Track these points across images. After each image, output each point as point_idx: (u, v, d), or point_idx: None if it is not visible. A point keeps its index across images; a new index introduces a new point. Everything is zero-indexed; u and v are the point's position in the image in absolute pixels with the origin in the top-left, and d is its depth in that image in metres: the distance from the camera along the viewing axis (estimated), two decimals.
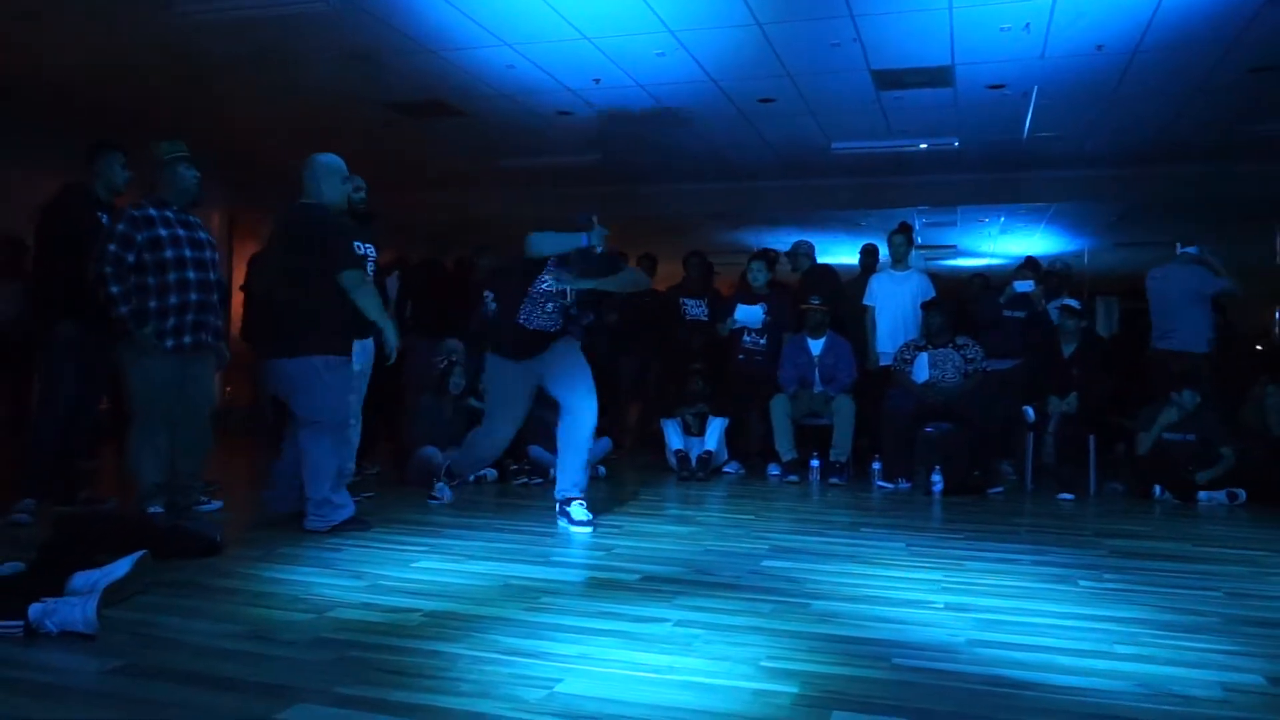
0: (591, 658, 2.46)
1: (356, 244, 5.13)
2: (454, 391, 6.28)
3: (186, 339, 4.45)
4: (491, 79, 7.02)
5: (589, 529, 4.34)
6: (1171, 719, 2.12)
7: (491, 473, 6.09)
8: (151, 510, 4.40)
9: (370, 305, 4.28)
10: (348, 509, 4.26)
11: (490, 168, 9.77)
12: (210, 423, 4.78)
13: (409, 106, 7.75)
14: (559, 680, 2.27)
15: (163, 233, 4.39)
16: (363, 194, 5.29)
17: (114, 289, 4.28)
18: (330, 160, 4.41)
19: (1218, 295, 6.74)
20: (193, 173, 4.57)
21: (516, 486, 5.97)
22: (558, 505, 4.58)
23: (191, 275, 4.45)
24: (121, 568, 2.84)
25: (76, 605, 2.54)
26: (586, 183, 10.32)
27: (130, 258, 4.31)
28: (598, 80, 6.99)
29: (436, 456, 5.87)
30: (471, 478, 5.96)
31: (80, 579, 2.76)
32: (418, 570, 3.48)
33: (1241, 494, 5.75)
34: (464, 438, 6.16)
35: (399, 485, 5.82)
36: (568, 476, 4.60)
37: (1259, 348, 10.53)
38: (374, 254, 5.23)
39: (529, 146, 8.88)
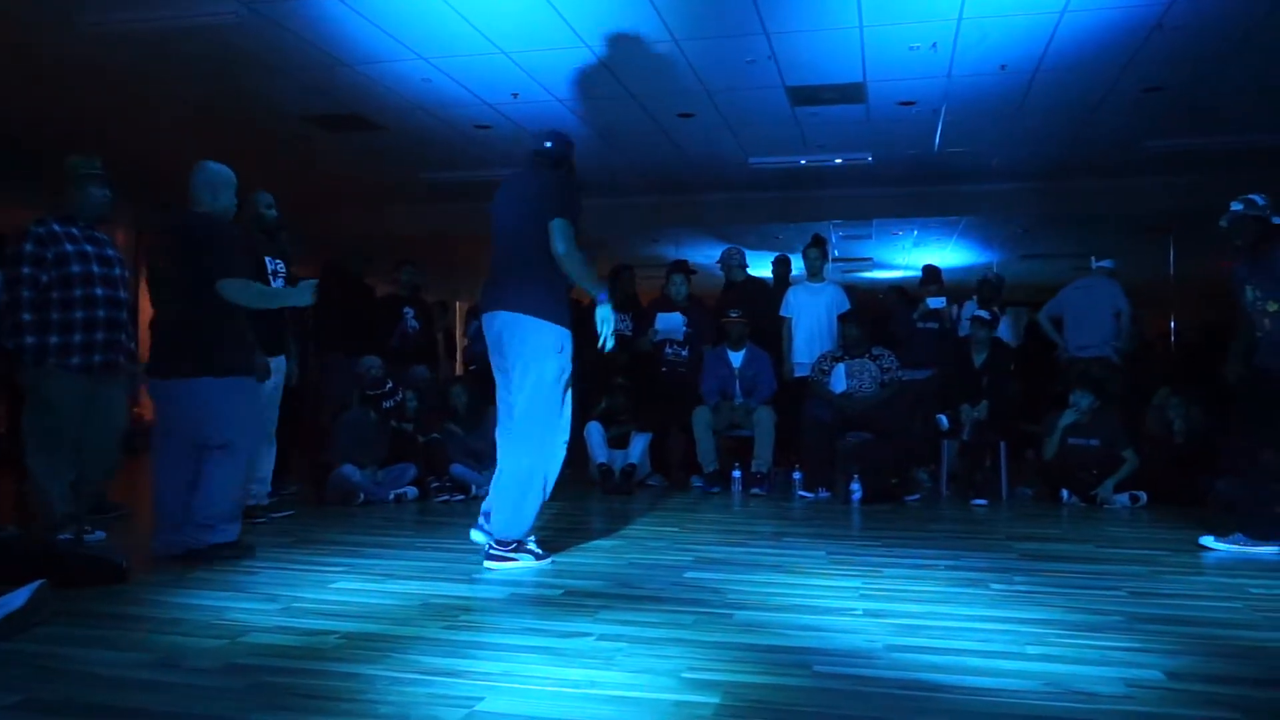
0: (513, 675, 2.44)
1: (266, 259, 5.04)
2: (411, 415, 6.30)
3: (97, 358, 4.27)
4: (408, 93, 6.96)
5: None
6: (1077, 715, 2.19)
7: (412, 491, 6.02)
8: (61, 538, 4.21)
9: (260, 305, 4.12)
10: (232, 531, 4.04)
11: (412, 181, 9.66)
12: (119, 446, 4.60)
13: (326, 120, 7.63)
14: (480, 699, 2.25)
15: (69, 248, 4.23)
16: (274, 211, 5.20)
17: (25, 316, 4.13)
18: (219, 168, 4.27)
19: (1119, 313, 7.09)
20: (104, 192, 4.41)
21: (438, 504, 5.90)
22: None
23: (99, 292, 4.28)
24: (18, 598, 2.72)
25: None
26: None
27: (44, 277, 4.16)
28: (516, 95, 6.98)
29: (355, 475, 5.78)
30: (391, 496, 5.89)
31: None
32: (336, 591, 3.41)
33: (1143, 496, 5.98)
34: (383, 456, 6.10)
35: (317, 504, 5.71)
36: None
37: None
38: (284, 269, 5.13)
39: (448, 160, 8.81)
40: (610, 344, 3.95)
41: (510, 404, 3.97)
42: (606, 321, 3.91)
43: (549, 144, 4.11)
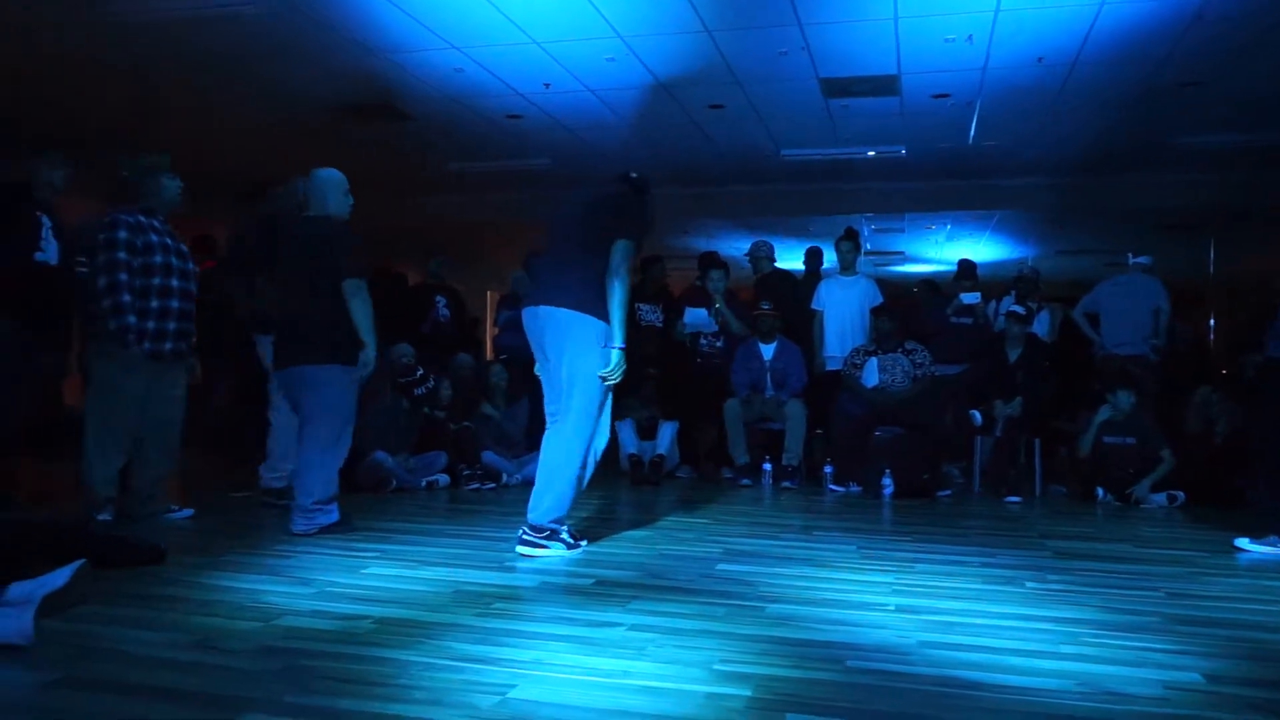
0: (545, 663, 2.45)
1: None
2: (445, 403, 6.35)
3: (167, 345, 4.46)
4: (439, 82, 6.97)
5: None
6: (1113, 716, 2.16)
7: (444, 478, 6.05)
8: (100, 519, 4.31)
9: (362, 316, 4.29)
10: (334, 513, 4.30)
11: (441, 172, 9.69)
12: (179, 433, 4.73)
13: (356, 110, 7.66)
14: (512, 686, 2.26)
15: (154, 239, 4.44)
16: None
17: (124, 298, 4.30)
18: (330, 173, 4.49)
19: (1158, 311, 7.01)
20: (176, 183, 4.62)
21: (468, 492, 5.92)
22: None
23: (175, 284, 4.50)
24: (60, 578, 2.76)
25: (12, 616, 2.47)
26: (538, 186, 10.30)
27: (137, 263, 4.34)
28: (548, 85, 6.98)
29: (387, 462, 5.82)
30: (423, 483, 5.92)
31: (16, 589, 2.68)
32: (368, 576, 3.44)
33: (1181, 496, 5.89)
34: (414, 442, 6.15)
35: (348, 490, 5.74)
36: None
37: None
38: None
39: (479, 151, 8.83)
40: (613, 380, 3.97)
41: (554, 398, 4.04)
42: (618, 367, 3.94)
43: (635, 174, 4.28)
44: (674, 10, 5.61)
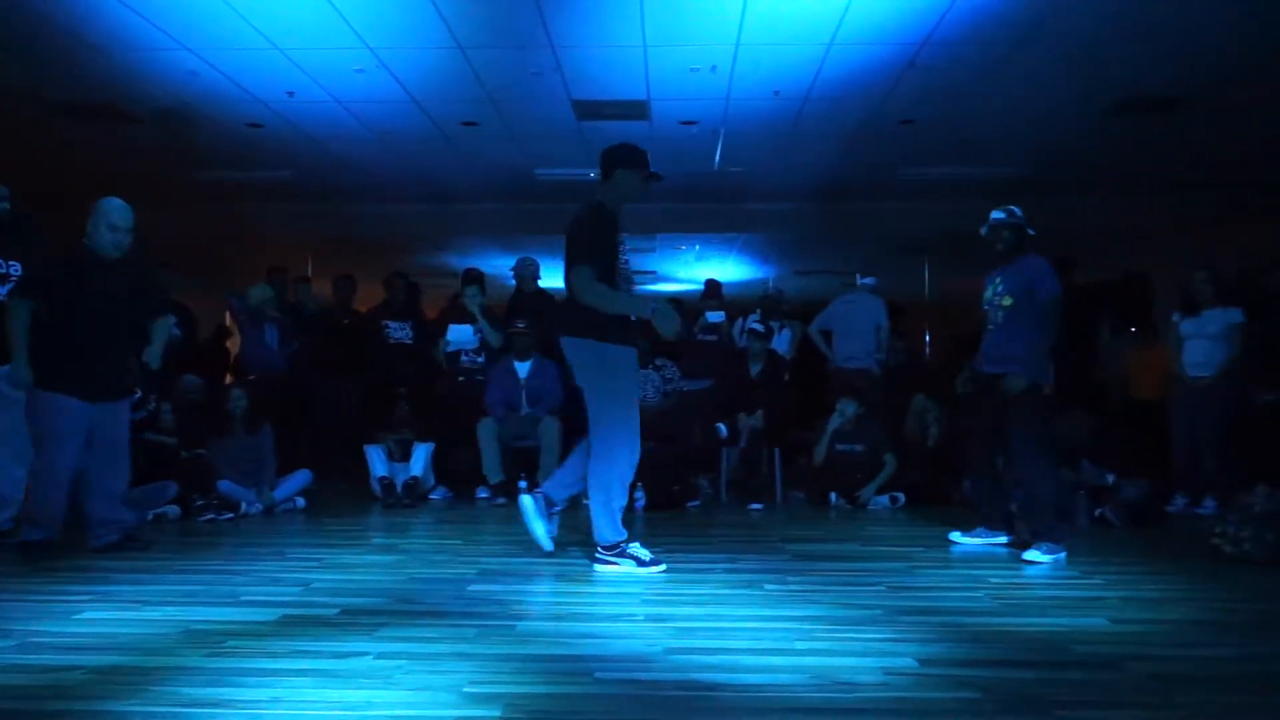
0: (284, 700, 2.32)
1: None
2: (168, 428, 6.06)
3: None
4: (171, 85, 6.50)
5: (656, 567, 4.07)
6: (839, 705, 2.32)
7: (174, 509, 5.61)
8: None
9: (9, 331, 4.18)
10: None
11: (180, 181, 9.02)
12: None
13: (76, 110, 7.00)
14: None
15: None
16: (6, 204, 4.74)
17: None
18: (106, 204, 4.49)
19: (879, 328, 7.62)
20: None
21: (202, 524, 5.52)
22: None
23: None
24: None
25: None
26: (286, 199, 9.82)
27: None
28: (291, 93, 6.68)
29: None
30: (150, 515, 5.47)
31: None
32: (80, 622, 3.12)
33: (901, 497, 6.43)
34: (137, 471, 5.65)
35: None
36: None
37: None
38: (18, 270, 4.68)
39: (218, 159, 8.30)
40: (669, 331, 4.10)
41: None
42: (669, 317, 4.05)
43: (593, 174, 4.34)
44: (426, 25, 5.55)
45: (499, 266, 9.87)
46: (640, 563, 4.04)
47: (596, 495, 4.11)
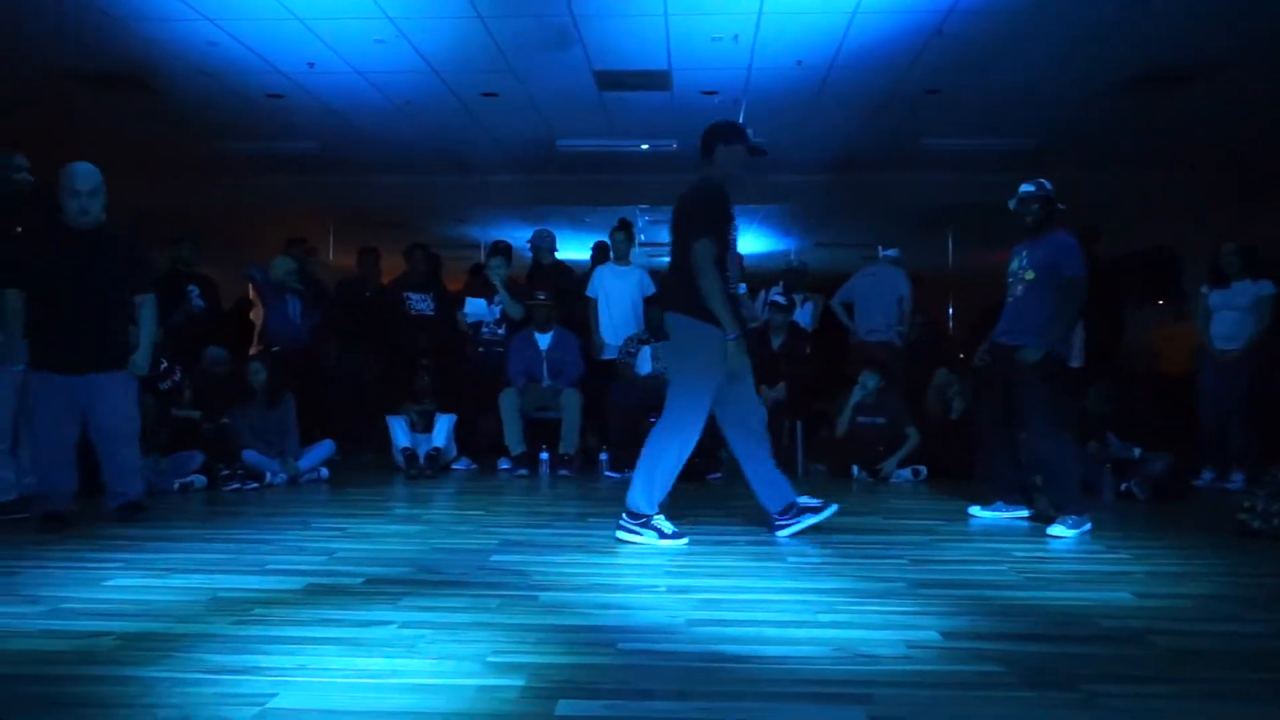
0: (309, 668, 2.34)
1: None
2: (186, 401, 6.09)
3: None
4: (192, 56, 6.50)
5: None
6: (861, 676, 2.32)
7: (200, 479, 5.67)
8: None
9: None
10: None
11: (200, 153, 9.04)
12: None
13: (98, 80, 7.01)
14: (273, 695, 2.14)
15: None
16: (25, 174, 4.76)
17: None
18: (70, 169, 4.33)
19: (901, 299, 7.56)
20: None
21: (228, 493, 5.58)
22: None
23: None
24: None
25: None
26: (307, 172, 9.83)
27: None
28: (312, 64, 6.66)
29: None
30: (176, 485, 5.53)
31: None
32: (109, 589, 3.16)
33: (923, 470, 6.41)
34: (165, 443, 5.71)
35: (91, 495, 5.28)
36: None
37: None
38: None
39: (239, 131, 8.31)
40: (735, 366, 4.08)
41: None
42: (735, 356, 4.03)
43: (716, 124, 4.23)
44: None
45: (519, 239, 9.85)
46: (662, 535, 4.04)
47: (647, 461, 4.10)
